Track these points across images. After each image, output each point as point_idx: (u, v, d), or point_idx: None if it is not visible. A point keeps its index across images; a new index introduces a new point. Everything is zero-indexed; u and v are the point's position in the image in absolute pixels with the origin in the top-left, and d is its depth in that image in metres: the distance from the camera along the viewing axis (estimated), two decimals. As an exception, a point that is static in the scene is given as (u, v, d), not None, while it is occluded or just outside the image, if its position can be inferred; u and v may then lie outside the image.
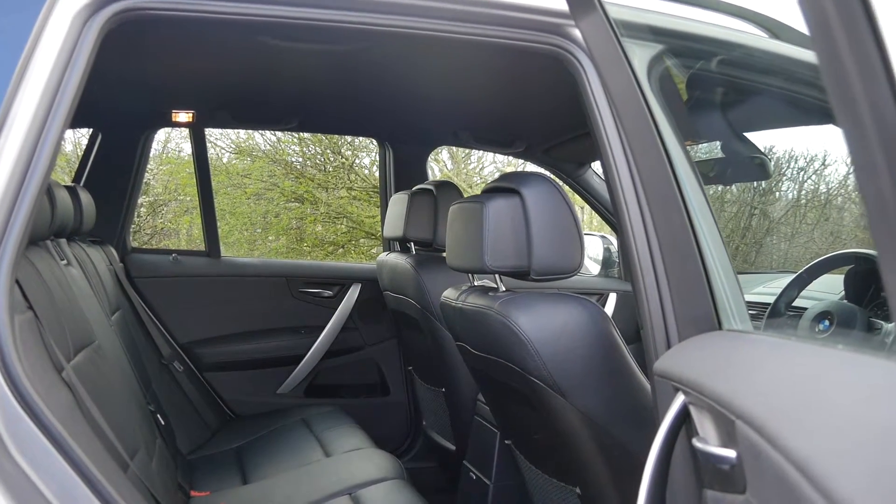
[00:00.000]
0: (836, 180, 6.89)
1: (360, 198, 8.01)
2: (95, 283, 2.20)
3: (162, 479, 1.86)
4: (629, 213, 1.28)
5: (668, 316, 1.21)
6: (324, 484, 2.04)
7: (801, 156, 6.74)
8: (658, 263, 1.21)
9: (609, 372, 1.56)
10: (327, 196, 8.00)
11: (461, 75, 2.30)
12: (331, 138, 7.84)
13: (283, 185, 7.91)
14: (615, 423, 1.57)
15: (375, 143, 3.16)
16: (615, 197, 1.31)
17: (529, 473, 1.94)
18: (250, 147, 7.96)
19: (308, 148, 7.99)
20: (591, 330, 1.55)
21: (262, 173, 7.90)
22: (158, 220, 7.96)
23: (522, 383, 1.63)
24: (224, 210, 7.83)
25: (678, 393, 1.02)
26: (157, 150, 7.94)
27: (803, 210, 6.99)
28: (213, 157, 7.87)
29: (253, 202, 7.99)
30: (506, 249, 1.63)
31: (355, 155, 8.08)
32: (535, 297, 1.61)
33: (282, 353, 3.00)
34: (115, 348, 2.04)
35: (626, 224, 1.29)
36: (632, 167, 1.23)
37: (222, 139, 7.83)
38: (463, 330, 1.86)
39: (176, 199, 8.01)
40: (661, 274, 1.21)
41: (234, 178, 7.88)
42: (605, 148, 1.34)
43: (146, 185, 7.78)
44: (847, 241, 6.39)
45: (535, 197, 1.63)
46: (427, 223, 2.51)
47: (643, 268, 1.25)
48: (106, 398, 1.59)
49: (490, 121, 2.94)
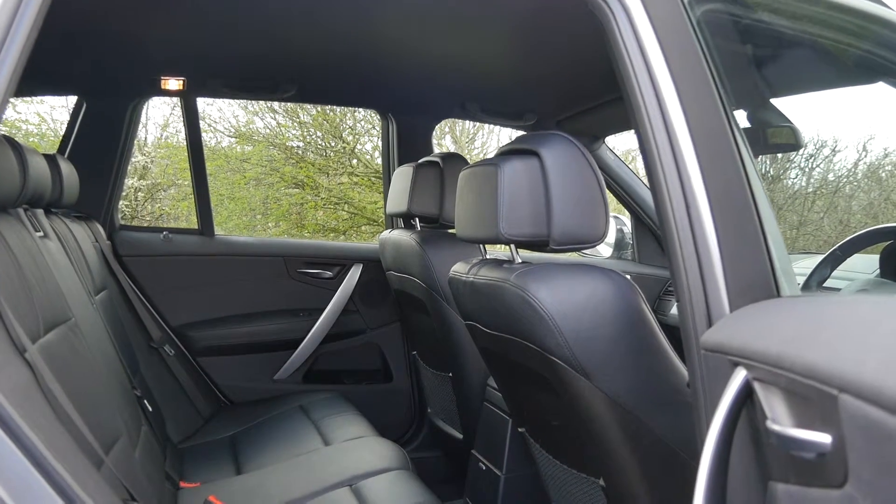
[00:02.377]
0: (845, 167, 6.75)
1: (361, 184, 7.85)
2: (77, 259, 2.05)
3: (146, 470, 1.71)
4: (662, 165, 1.11)
5: (713, 283, 1.05)
6: (323, 474, 1.90)
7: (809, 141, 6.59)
8: (705, 222, 1.05)
9: (638, 350, 1.40)
10: (328, 181, 7.83)
11: (470, 39, 2.15)
12: (332, 122, 7.68)
13: (284, 171, 7.75)
14: (644, 408, 1.42)
15: (378, 128, 3.00)
16: (646, 144, 1.14)
17: (545, 464, 1.79)
18: (250, 132, 7.79)
19: (309, 132, 7.82)
20: (619, 304, 1.39)
21: (262, 157, 7.74)
22: (157, 205, 7.80)
23: (541, 364, 1.47)
24: (223, 195, 7.67)
25: (738, 369, 0.86)
26: (155, 135, 7.80)
27: (812, 198, 6.84)
28: (211, 142, 7.72)
29: (252, 187, 7.83)
30: (523, 216, 1.47)
31: (356, 140, 7.92)
32: (556, 269, 1.45)
33: (279, 337, 2.85)
34: (97, 328, 1.88)
35: (659, 177, 1.12)
36: (683, 110, 1.06)
37: (221, 122, 7.67)
38: (474, 307, 1.70)
39: (175, 185, 7.85)
40: (709, 235, 1.05)
41: (232, 162, 7.72)
42: (636, 92, 1.16)
43: (144, 169, 7.63)
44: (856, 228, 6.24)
45: (555, 158, 1.47)
46: (433, 197, 2.36)
47: (680, 229, 1.09)
48: (81, 381, 1.45)
49: (499, 91, 2.78)
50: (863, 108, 6.38)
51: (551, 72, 2.47)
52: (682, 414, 1.43)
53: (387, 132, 3.03)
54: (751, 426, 0.87)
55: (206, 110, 7.68)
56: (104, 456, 1.25)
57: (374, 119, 7.73)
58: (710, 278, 1.06)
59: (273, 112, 7.75)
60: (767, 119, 1.92)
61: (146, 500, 1.58)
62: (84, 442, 1.18)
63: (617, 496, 1.51)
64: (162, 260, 2.74)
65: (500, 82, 2.69)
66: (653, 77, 1.11)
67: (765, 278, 1.00)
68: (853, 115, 6.18)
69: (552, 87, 2.64)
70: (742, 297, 1.01)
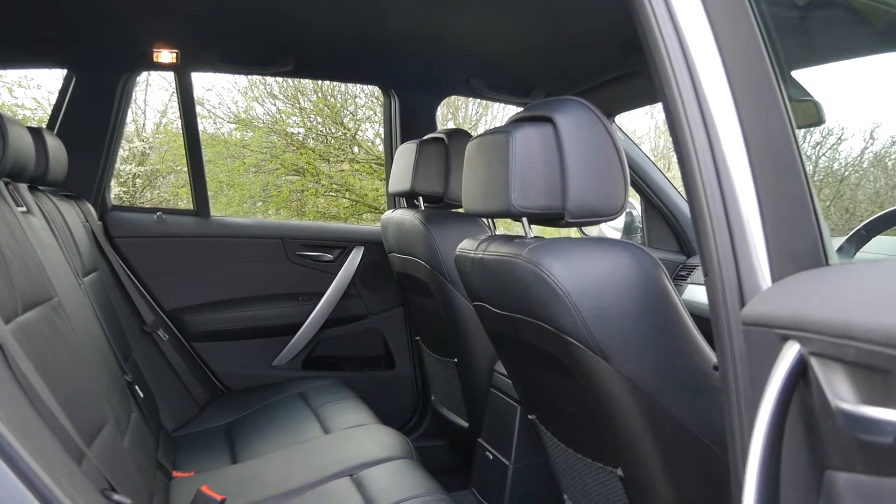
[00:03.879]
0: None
1: (363, 171, 7.75)
2: (64, 238, 1.95)
3: (136, 458, 1.62)
4: (686, 115, 0.98)
5: (753, 249, 0.94)
6: (322, 463, 1.81)
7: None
8: (741, 182, 0.94)
9: (661, 330, 1.30)
10: (329, 168, 7.73)
11: (476, 11, 2.04)
12: (332, 108, 7.56)
13: (284, 158, 7.64)
14: (668, 393, 1.32)
15: (379, 114, 2.89)
16: (668, 90, 1.01)
17: (558, 453, 1.69)
18: (251, 118, 7.68)
19: (309, 118, 7.71)
20: (640, 279, 1.29)
21: (262, 143, 7.63)
22: (156, 192, 7.69)
23: (555, 345, 1.37)
24: (222, 182, 7.57)
25: (789, 343, 0.76)
26: (153, 121, 7.69)
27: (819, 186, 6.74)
28: (210, 129, 7.60)
29: (252, 174, 7.72)
30: (536, 187, 1.37)
31: (357, 126, 7.80)
32: (572, 242, 1.35)
33: (277, 322, 2.76)
34: (84, 310, 1.79)
35: (683, 130, 1.01)
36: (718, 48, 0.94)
37: (220, 108, 7.56)
38: (482, 285, 1.60)
39: (174, 171, 7.74)
40: (748, 196, 0.94)
41: (232, 148, 7.61)
42: (652, 23, 1.02)
43: (143, 155, 7.52)
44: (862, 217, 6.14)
45: (570, 125, 1.37)
46: (438, 175, 2.26)
47: (708, 192, 0.98)
48: (63, 363, 1.36)
49: (507, 66, 2.67)
50: (870, 95, 6.26)
51: (561, 45, 2.36)
52: (708, 399, 1.33)
53: (389, 109, 2.92)
54: (802, 408, 0.77)
55: (206, 96, 7.59)
56: (85, 448, 1.16)
57: (375, 105, 7.62)
58: (747, 244, 0.95)
59: (273, 98, 7.64)
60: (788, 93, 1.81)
61: (134, 490, 1.49)
62: (63, 434, 1.08)
63: (636, 487, 1.41)
64: (156, 241, 2.64)
65: (507, 57, 2.58)
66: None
67: (812, 245, 0.90)
68: (859, 101, 6.06)
69: (562, 61, 2.53)
70: (787, 266, 0.90)
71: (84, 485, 1.02)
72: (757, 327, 0.85)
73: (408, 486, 1.65)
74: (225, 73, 2.70)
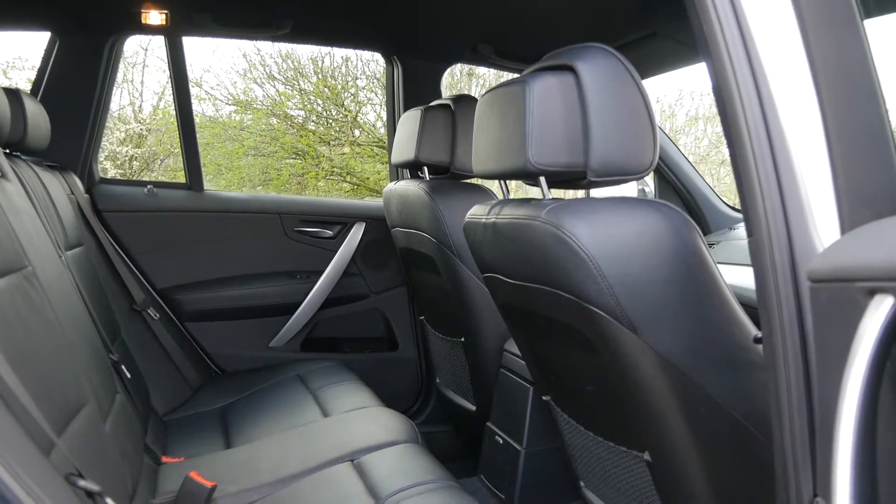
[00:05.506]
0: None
1: (364, 154, 7.61)
2: (45, 208, 1.82)
3: (119, 442, 1.49)
4: (726, 41, 0.85)
5: (803, 201, 0.81)
6: (320, 448, 1.70)
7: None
8: (803, 111, 0.81)
9: (696, 299, 1.17)
10: (329, 151, 7.58)
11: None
12: (333, 89, 7.41)
13: (284, 140, 7.50)
14: (702, 368, 1.19)
15: (380, 95, 2.74)
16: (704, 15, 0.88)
17: (575, 436, 1.57)
18: (250, 100, 7.53)
19: (309, 100, 7.56)
20: (674, 243, 1.16)
21: (260, 125, 7.49)
22: (153, 174, 7.55)
23: (577, 317, 1.24)
24: (220, 165, 7.43)
25: (878, 297, 0.62)
26: (152, 103, 7.55)
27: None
28: (209, 112, 7.47)
29: (252, 157, 7.58)
30: (555, 142, 1.24)
31: (359, 108, 7.66)
32: (597, 202, 1.22)
33: (274, 301, 2.63)
34: (64, 284, 1.66)
35: (722, 56, 0.87)
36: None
37: (219, 89, 7.42)
38: (495, 254, 1.46)
39: (172, 154, 7.59)
40: (812, 130, 0.81)
41: (230, 130, 7.46)
42: None
43: (140, 137, 7.38)
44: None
45: (594, 73, 1.24)
46: (444, 143, 2.13)
47: (751, 122, 0.85)
48: (35, 336, 1.24)
49: (516, 30, 2.52)
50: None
51: (574, 6, 2.22)
52: (747, 376, 1.20)
53: (392, 78, 2.78)
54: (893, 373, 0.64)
55: (204, 77, 7.44)
56: (49, 430, 1.03)
57: (375, 88, 7.48)
58: (801, 191, 0.82)
59: (272, 79, 7.50)
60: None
61: (115, 476, 1.37)
62: (26, 415, 0.96)
63: (664, 473, 1.29)
64: (146, 216, 2.50)
65: (516, 20, 2.44)
66: None
67: (891, 187, 0.77)
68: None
69: (575, 24, 2.39)
70: (859, 213, 0.77)
71: (45, 471, 0.89)
72: (830, 283, 0.72)
73: (413, 473, 1.53)
74: (218, 36, 2.56)
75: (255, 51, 7.28)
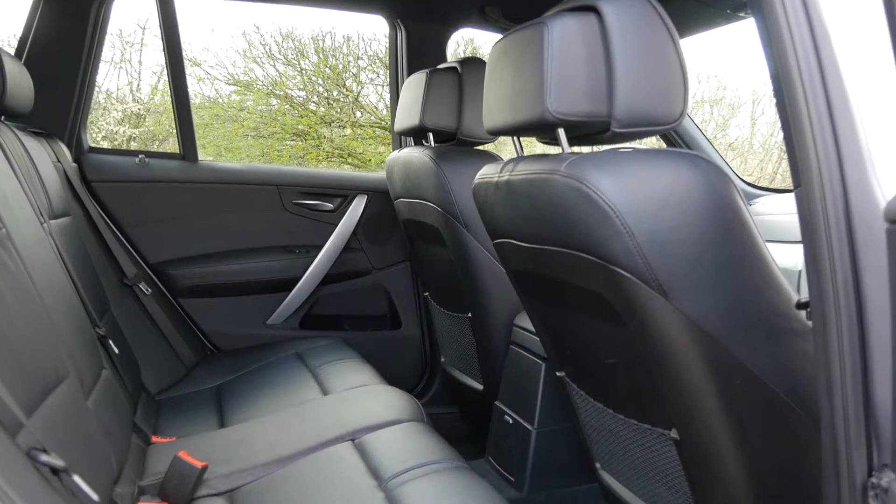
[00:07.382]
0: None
1: (366, 136, 7.48)
2: (27, 174, 1.72)
3: (103, 420, 1.39)
4: None
5: (861, 146, 0.70)
6: (319, 427, 1.60)
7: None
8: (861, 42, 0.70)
9: (733, 260, 1.06)
10: (331, 132, 7.46)
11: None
12: (334, 68, 7.28)
13: (285, 121, 7.37)
14: (738, 336, 1.08)
15: (382, 76, 2.62)
16: None
17: (593, 414, 1.46)
18: (251, 80, 7.39)
19: (310, 79, 7.42)
20: (708, 197, 1.05)
21: (261, 104, 7.36)
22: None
23: (600, 281, 1.13)
24: (220, 146, 7.31)
25: None
26: (151, 82, 7.41)
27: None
28: (210, 94, 7.34)
29: (252, 138, 7.45)
30: (577, 89, 1.13)
31: (361, 88, 7.52)
32: (622, 154, 1.10)
33: (272, 277, 2.53)
34: (45, 253, 1.55)
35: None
36: None
37: (218, 69, 7.28)
38: (508, 215, 1.35)
39: (172, 135, 7.47)
40: (878, 62, 0.70)
41: (230, 111, 7.33)
42: None
43: (138, 117, 7.26)
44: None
45: (619, 14, 1.13)
46: (450, 108, 2.01)
47: (801, 53, 0.75)
48: (8, 303, 1.13)
49: None
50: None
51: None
52: (788, 346, 1.09)
53: (395, 42, 2.65)
54: None
55: (202, 56, 7.30)
56: (19, 411, 0.93)
57: (378, 69, 7.34)
58: (859, 134, 0.72)
59: (273, 59, 7.36)
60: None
61: (97, 454, 1.27)
62: None
63: (694, 452, 1.18)
64: (138, 187, 2.39)
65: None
66: None
67: None
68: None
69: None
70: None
71: (21, 473, 0.79)
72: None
73: (418, 452, 1.43)
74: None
75: (255, 29, 7.16)
